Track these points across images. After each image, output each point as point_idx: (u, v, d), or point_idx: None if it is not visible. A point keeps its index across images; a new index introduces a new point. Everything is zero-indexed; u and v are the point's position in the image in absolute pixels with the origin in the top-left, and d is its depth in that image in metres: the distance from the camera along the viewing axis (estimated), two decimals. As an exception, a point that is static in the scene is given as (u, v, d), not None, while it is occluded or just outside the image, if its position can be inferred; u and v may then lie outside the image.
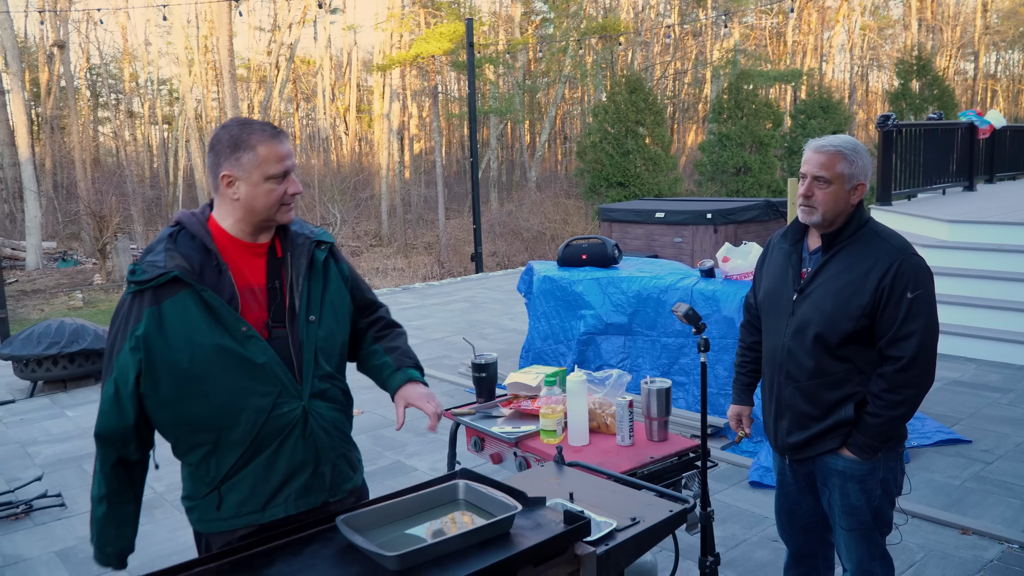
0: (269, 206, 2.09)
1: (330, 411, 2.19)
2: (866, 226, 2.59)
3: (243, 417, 2.03)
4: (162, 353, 1.98)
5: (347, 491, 2.25)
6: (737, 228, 10.90)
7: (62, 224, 29.58)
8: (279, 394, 2.07)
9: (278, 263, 2.16)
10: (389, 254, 26.73)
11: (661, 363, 5.87)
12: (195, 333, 1.98)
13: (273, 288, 2.13)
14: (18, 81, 23.92)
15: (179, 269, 1.99)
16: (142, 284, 1.99)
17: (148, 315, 1.98)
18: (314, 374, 2.14)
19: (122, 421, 2.03)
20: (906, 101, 23.29)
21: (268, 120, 12.01)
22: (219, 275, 2.05)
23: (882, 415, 2.50)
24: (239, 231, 2.12)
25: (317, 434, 2.13)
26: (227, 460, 2.06)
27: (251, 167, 2.05)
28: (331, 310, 2.22)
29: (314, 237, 2.23)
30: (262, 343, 2.04)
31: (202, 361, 1.98)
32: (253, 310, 2.08)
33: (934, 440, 5.25)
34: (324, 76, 40.44)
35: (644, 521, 2.07)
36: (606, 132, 21.84)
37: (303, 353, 2.11)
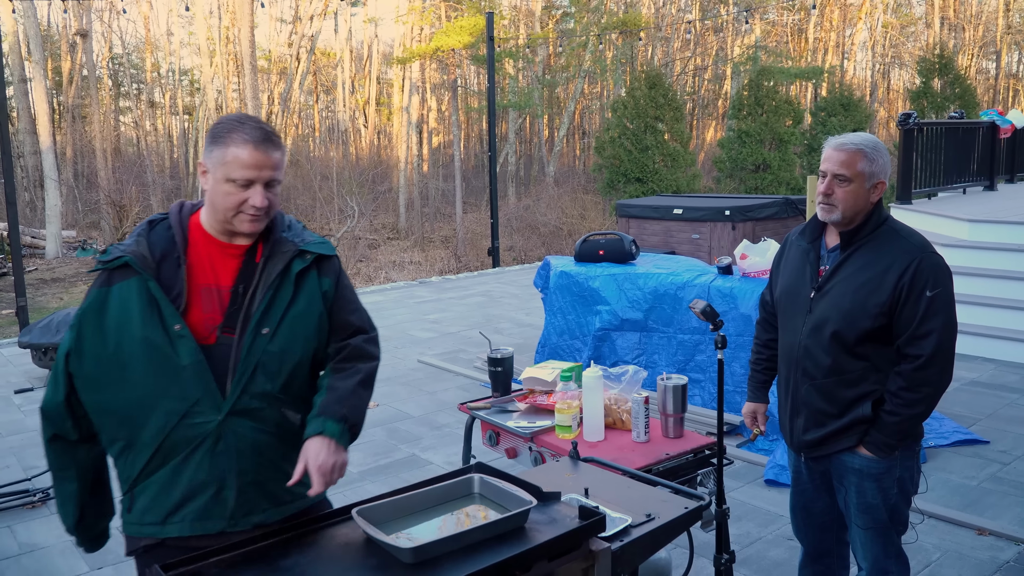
0: (225, 209, 1.97)
1: (254, 433, 2.00)
2: (885, 224, 2.58)
3: (153, 417, 1.95)
4: (92, 334, 1.96)
5: (251, 524, 2.01)
6: (755, 225, 10.84)
7: (82, 213, 29.80)
8: (197, 402, 1.94)
9: (253, 267, 2.05)
10: (406, 247, 26.76)
11: (677, 360, 5.85)
12: (129, 321, 1.94)
13: (236, 291, 2.02)
14: (40, 70, 24.10)
15: (133, 256, 1.96)
16: (104, 265, 1.98)
17: (95, 295, 1.97)
18: (246, 389, 1.98)
19: (55, 397, 2.00)
20: (927, 99, 23.07)
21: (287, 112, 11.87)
22: (176, 269, 1.99)
23: (900, 413, 2.50)
24: (212, 228, 2.05)
25: (227, 454, 1.97)
26: (138, 461, 1.98)
27: (217, 163, 1.97)
28: (293, 325, 2.04)
29: (301, 245, 2.09)
30: (193, 345, 1.94)
31: (128, 350, 1.93)
32: (206, 311, 1.99)
33: (951, 440, 5.22)
34: (344, 68, 40.52)
35: (659, 518, 2.07)
36: (625, 127, 21.76)
37: (240, 364, 1.98)
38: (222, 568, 1.72)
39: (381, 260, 23.85)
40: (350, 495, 4.70)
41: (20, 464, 5.47)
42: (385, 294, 11.93)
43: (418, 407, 6.44)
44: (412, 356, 8.02)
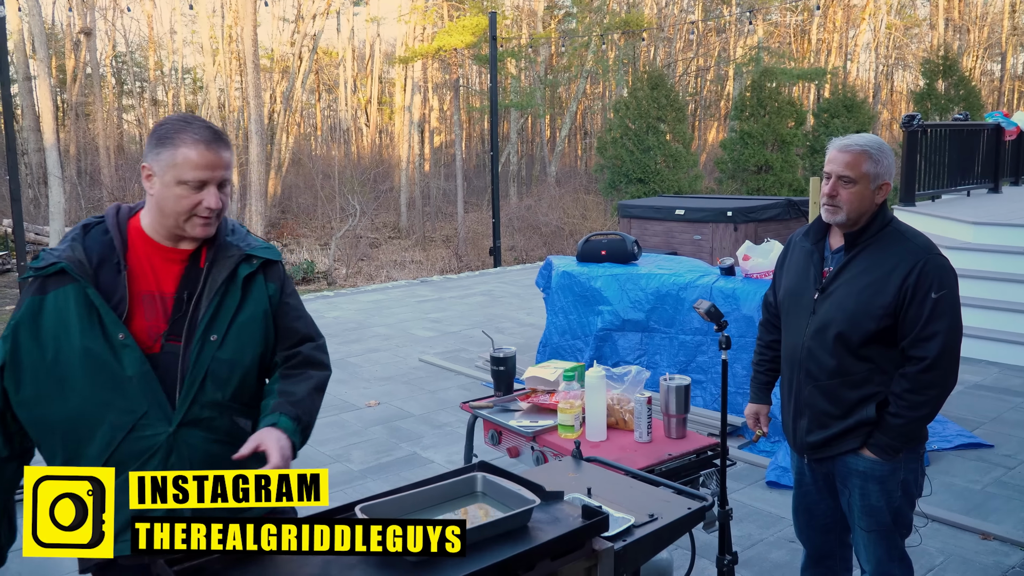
0: (177, 213, 1.90)
1: (206, 443, 1.95)
2: (889, 225, 2.57)
3: (99, 431, 1.87)
4: (28, 346, 1.86)
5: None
6: (757, 226, 10.83)
7: (85, 210, 29.77)
8: (144, 414, 1.88)
9: (197, 273, 1.98)
10: (407, 246, 26.77)
11: (679, 360, 5.85)
12: (67, 330, 1.85)
13: (180, 298, 1.95)
14: (44, 68, 24.10)
15: (69, 262, 1.86)
16: (36, 271, 1.89)
17: (28, 304, 1.87)
18: (196, 399, 1.92)
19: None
20: (931, 101, 23.05)
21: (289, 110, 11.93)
22: (116, 275, 1.90)
23: (904, 416, 2.49)
24: (155, 232, 1.97)
25: (181, 467, 1.89)
26: None
27: (166, 165, 1.89)
28: (241, 332, 1.99)
29: (247, 250, 2.02)
30: (138, 355, 1.87)
31: (67, 361, 1.85)
32: (148, 318, 1.92)
33: (955, 444, 5.21)
34: (346, 67, 40.53)
35: (662, 518, 2.07)
36: (627, 128, 21.75)
37: (188, 374, 1.91)
38: (226, 564, 1.71)
39: (382, 259, 23.86)
40: (351, 493, 4.70)
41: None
42: (386, 293, 11.93)
43: (419, 406, 6.43)
44: (413, 355, 8.01)
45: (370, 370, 7.50)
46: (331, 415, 6.16)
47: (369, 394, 6.74)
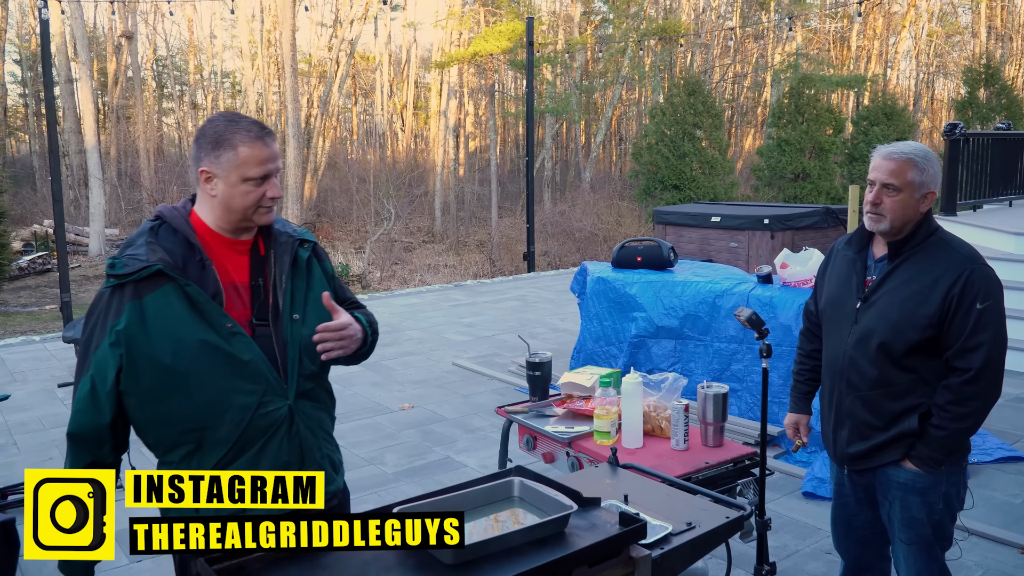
0: (246, 207, 2.03)
1: (315, 411, 2.14)
2: (934, 235, 2.54)
3: (228, 416, 1.98)
4: (144, 348, 1.93)
5: (331, 493, 2.16)
6: (795, 234, 10.72)
7: (125, 212, 30.29)
8: (264, 392, 2.01)
9: (261, 260, 2.11)
10: (441, 251, 26.87)
11: (713, 368, 5.80)
12: (178, 328, 1.93)
13: (256, 286, 2.08)
14: (86, 70, 24.58)
15: (162, 262, 1.94)
16: (122, 278, 1.94)
17: (129, 309, 1.93)
18: (299, 373, 2.07)
19: (98, 420, 1.97)
20: (973, 110, 22.69)
21: (326, 115, 12.09)
22: (203, 270, 2.00)
23: (948, 427, 2.45)
24: (220, 227, 2.08)
25: (303, 434, 2.08)
26: (209, 459, 2.00)
27: (230, 167, 2.00)
28: (315, 309, 2.12)
29: (297, 236, 2.18)
30: (247, 340, 1.99)
31: (185, 357, 1.93)
32: (236, 307, 2.03)
33: (995, 457, 5.12)
34: (383, 72, 40.81)
35: (700, 526, 2.05)
36: (663, 134, 21.66)
37: (288, 351, 2.05)
38: (265, 564, 1.73)
39: (416, 263, 23.97)
40: (385, 496, 4.72)
41: (63, 456, 5.55)
42: (420, 297, 11.98)
43: (453, 410, 6.45)
44: (447, 359, 8.03)
45: (404, 373, 7.53)
46: (365, 418, 6.19)
47: (403, 397, 6.77)
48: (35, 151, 36.17)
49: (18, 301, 17.19)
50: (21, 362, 8.29)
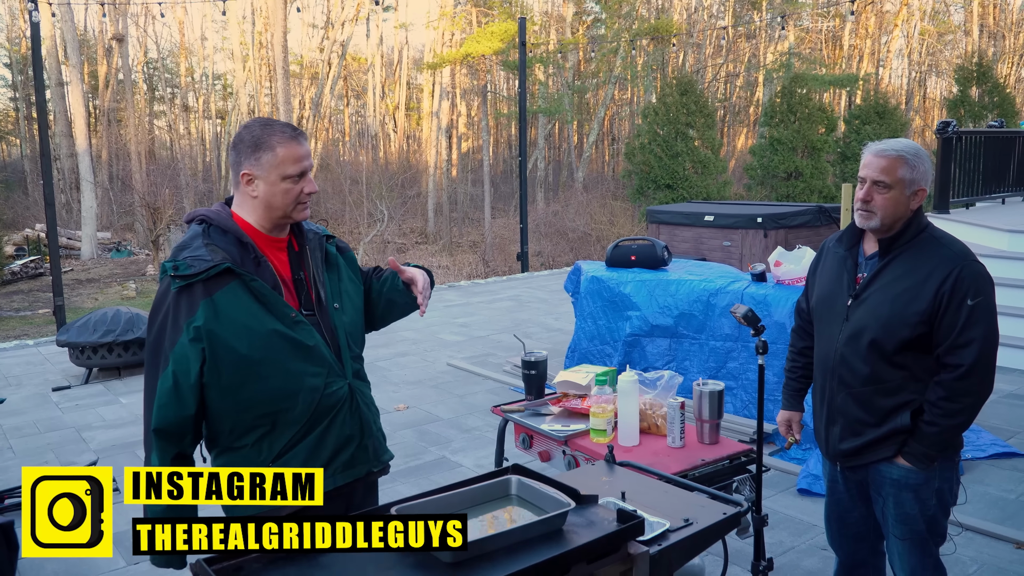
0: (286, 204, 2.18)
1: (366, 388, 2.38)
2: (925, 231, 2.55)
3: (300, 397, 2.15)
4: (223, 341, 2.07)
5: (385, 461, 2.44)
6: (788, 233, 10.75)
7: (117, 215, 30.21)
8: (328, 374, 2.20)
9: (297, 256, 2.29)
10: (434, 252, 26.86)
11: (708, 367, 5.82)
12: (249, 320, 2.08)
13: (299, 279, 2.25)
14: (77, 73, 24.51)
15: (228, 261, 2.08)
16: (190, 278, 2.06)
17: (204, 306, 2.05)
18: (350, 355, 2.29)
19: (182, 412, 2.09)
20: (965, 108, 22.76)
21: (318, 116, 12.19)
22: (258, 266, 2.16)
23: (939, 424, 2.46)
24: (262, 226, 2.23)
25: (362, 409, 2.31)
26: (282, 439, 2.17)
27: (270, 167, 2.15)
28: (348, 299, 2.35)
29: (321, 233, 2.37)
30: (308, 327, 2.17)
31: (259, 346, 2.09)
32: (287, 299, 2.20)
33: (989, 453, 5.14)
34: (375, 73, 40.78)
35: (697, 523, 2.06)
36: (655, 134, 21.67)
37: (338, 337, 2.26)
38: (264, 564, 1.73)
39: (410, 264, 23.90)
40: (382, 496, 4.71)
41: (59, 460, 5.55)
42: (415, 298, 11.96)
43: (448, 410, 6.45)
44: (441, 359, 8.03)
45: (399, 374, 7.53)
46: (360, 418, 6.18)
47: (398, 398, 6.77)
48: (26, 155, 36.07)
49: (11, 305, 17.13)
50: (15, 366, 8.27)
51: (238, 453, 2.18)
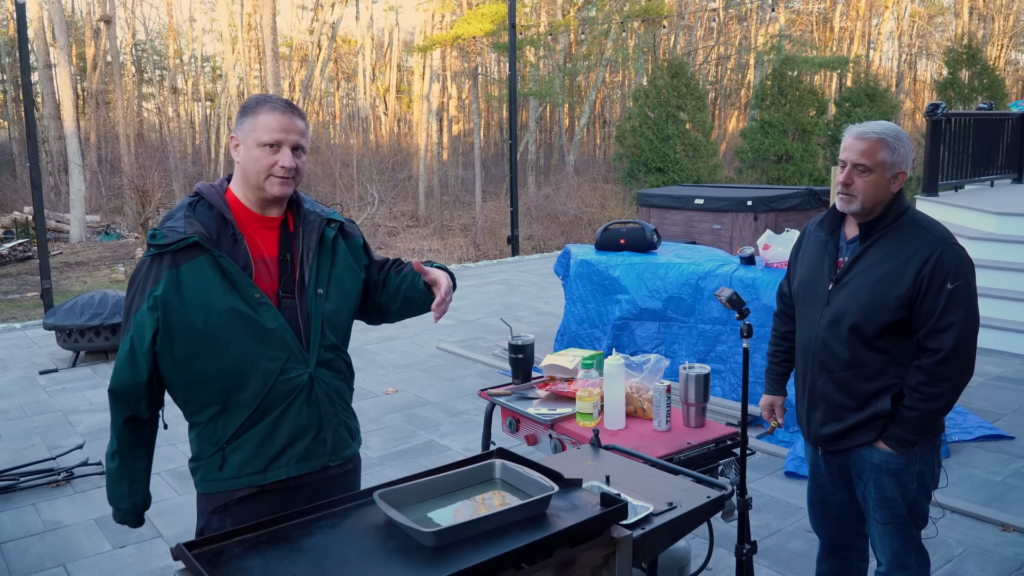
0: (257, 172, 2.15)
1: (333, 379, 2.27)
2: (905, 215, 2.53)
3: (252, 379, 2.12)
4: (179, 313, 2.07)
5: (346, 457, 2.32)
6: (778, 216, 10.76)
7: (106, 198, 30.02)
8: (287, 359, 2.15)
9: (290, 237, 2.25)
10: (425, 235, 26.81)
11: (697, 350, 5.82)
12: (211, 296, 2.07)
13: (284, 260, 2.21)
14: (65, 56, 24.27)
15: (198, 235, 2.08)
16: (162, 248, 2.08)
17: (167, 277, 2.07)
18: (320, 343, 2.21)
19: (135, 377, 2.12)
20: (955, 91, 22.80)
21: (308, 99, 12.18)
22: (235, 244, 2.14)
23: (920, 408, 2.46)
24: (248, 201, 2.21)
25: (321, 400, 2.22)
26: (234, 421, 2.15)
27: (248, 131, 2.16)
28: (338, 286, 2.29)
29: (324, 215, 2.32)
30: (273, 310, 2.13)
31: (216, 322, 2.07)
32: (264, 280, 2.17)
33: (975, 435, 5.17)
34: (365, 56, 40.55)
35: (681, 506, 2.06)
36: (646, 117, 21.64)
37: (311, 323, 2.19)
38: (245, 547, 1.72)
39: (400, 247, 23.91)
40: (368, 479, 4.70)
41: (45, 443, 5.53)
42: (405, 281, 11.94)
43: (437, 393, 6.45)
44: (431, 343, 8.03)
45: (388, 358, 7.52)
46: (349, 402, 6.18)
47: (387, 382, 6.76)
48: (14, 138, 35.76)
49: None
50: (2, 349, 8.23)
51: (196, 430, 2.21)
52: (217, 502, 2.19)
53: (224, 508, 2.18)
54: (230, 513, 2.17)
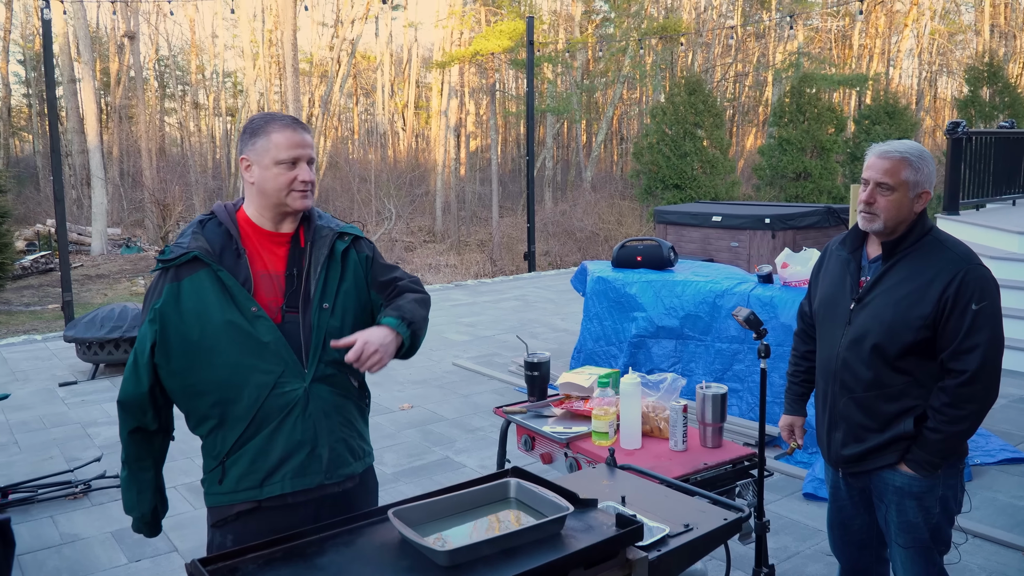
0: (278, 189, 2.18)
1: (333, 396, 2.24)
2: (929, 234, 2.51)
3: (245, 391, 2.13)
4: (175, 325, 2.11)
5: (344, 476, 2.26)
6: (796, 234, 10.70)
7: (127, 211, 30.31)
8: (282, 373, 2.15)
9: (300, 252, 2.26)
10: (442, 250, 26.87)
11: (715, 369, 5.79)
12: (208, 308, 2.11)
13: (291, 275, 2.23)
14: (89, 70, 24.59)
15: (199, 250, 2.13)
16: (166, 262, 2.15)
17: (167, 290, 2.13)
18: (321, 359, 2.20)
19: (138, 388, 2.16)
20: (975, 108, 22.66)
21: (327, 114, 12.29)
22: (237, 259, 2.18)
23: (943, 430, 2.43)
24: (260, 218, 2.24)
25: (316, 416, 2.20)
26: (232, 435, 2.16)
27: (263, 151, 2.18)
28: (346, 300, 2.28)
29: (337, 229, 2.32)
30: (269, 324, 2.14)
31: (211, 334, 2.11)
32: (268, 294, 2.19)
33: (998, 459, 5.10)
34: (384, 72, 40.82)
35: (698, 528, 2.04)
36: (663, 134, 21.64)
37: (312, 337, 2.20)
38: (259, 564, 1.72)
39: (417, 262, 23.96)
40: (384, 496, 4.70)
41: (63, 455, 5.56)
42: (421, 296, 11.94)
43: (452, 410, 6.44)
44: (447, 359, 8.02)
45: (404, 373, 7.53)
46: (365, 417, 6.18)
47: (402, 397, 6.76)
48: (38, 151, 36.20)
49: (21, 300, 17.20)
50: (23, 361, 8.30)
51: (202, 443, 2.24)
52: (217, 516, 2.22)
53: (224, 523, 2.21)
54: (230, 528, 2.20)
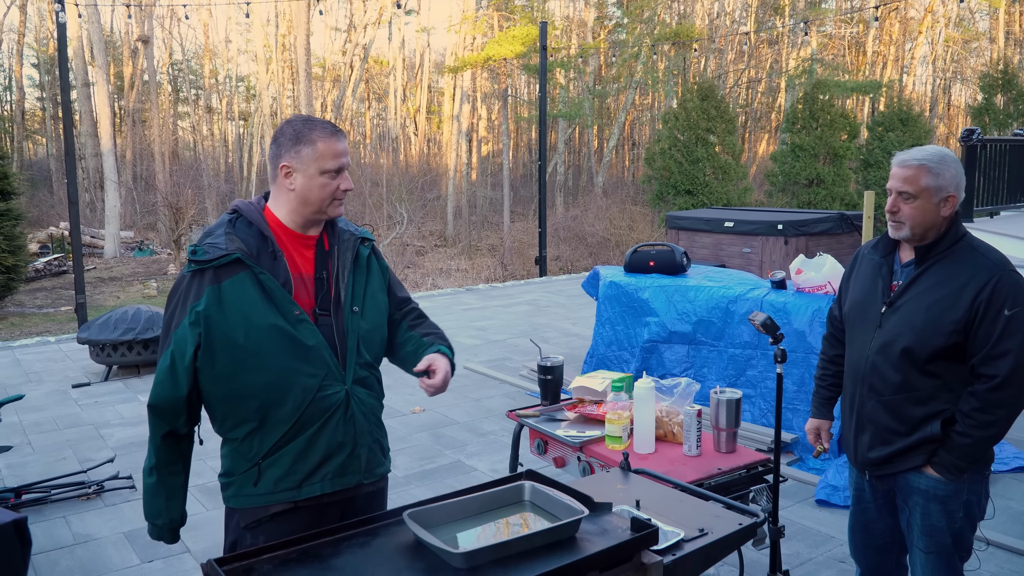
0: (322, 199, 2.19)
1: (368, 397, 2.29)
2: (962, 240, 2.51)
3: (291, 395, 2.13)
4: (220, 328, 2.09)
5: (379, 475, 2.34)
6: (808, 240, 10.66)
7: (140, 214, 30.49)
8: (325, 376, 2.16)
9: (325, 255, 2.27)
10: (453, 255, 26.90)
11: (728, 374, 5.77)
12: (252, 312, 2.09)
13: (320, 278, 2.23)
14: (103, 74, 24.76)
15: (240, 252, 2.11)
16: (203, 264, 2.11)
17: (209, 293, 2.09)
18: (356, 361, 2.23)
19: (176, 392, 2.13)
20: (990, 116, 22.57)
21: (340, 119, 12.37)
22: (274, 261, 2.16)
23: (972, 435, 2.42)
24: (291, 222, 2.23)
25: (357, 417, 2.23)
26: (271, 437, 2.15)
27: (309, 160, 2.17)
28: (372, 303, 2.31)
29: (358, 234, 2.35)
30: (312, 327, 2.15)
31: (256, 338, 2.09)
32: (302, 296, 2.19)
33: (1012, 466, 5.06)
34: (396, 77, 40.94)
35: (713, 533, 2.03)
36: (676, 139, 21.62)
37: (347, 340, 2.21)
38: (275, 564, 1.72)
39: (428, 267, 24.00)
40: (395, 499, 4.70)
41: (76, 456, 5.58)
42: (432, 300, 11.98)
43: (464, 413, 6.44)
44: (458, 363, 8.01)
45: (415, 377, 7.51)
46: (376, 420, 6.18)
47: (414, 400, 6.76)
48: (52, 154, 36.48)
49: (34, 302, 17.31)
50: (36, 363, 8.34)
51: (230, 445, 2.21)
52: (250, 517, 2.19)
53: (257, 524, 2.19)
54: (263, 529, 2.18)
